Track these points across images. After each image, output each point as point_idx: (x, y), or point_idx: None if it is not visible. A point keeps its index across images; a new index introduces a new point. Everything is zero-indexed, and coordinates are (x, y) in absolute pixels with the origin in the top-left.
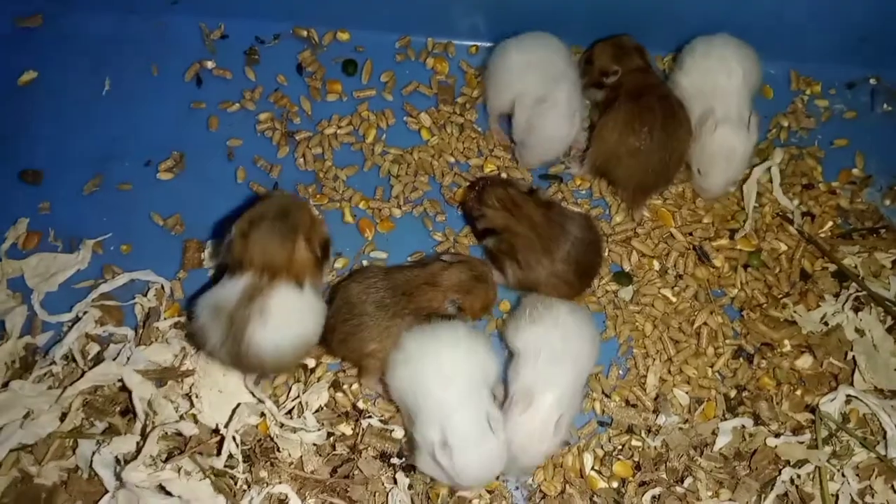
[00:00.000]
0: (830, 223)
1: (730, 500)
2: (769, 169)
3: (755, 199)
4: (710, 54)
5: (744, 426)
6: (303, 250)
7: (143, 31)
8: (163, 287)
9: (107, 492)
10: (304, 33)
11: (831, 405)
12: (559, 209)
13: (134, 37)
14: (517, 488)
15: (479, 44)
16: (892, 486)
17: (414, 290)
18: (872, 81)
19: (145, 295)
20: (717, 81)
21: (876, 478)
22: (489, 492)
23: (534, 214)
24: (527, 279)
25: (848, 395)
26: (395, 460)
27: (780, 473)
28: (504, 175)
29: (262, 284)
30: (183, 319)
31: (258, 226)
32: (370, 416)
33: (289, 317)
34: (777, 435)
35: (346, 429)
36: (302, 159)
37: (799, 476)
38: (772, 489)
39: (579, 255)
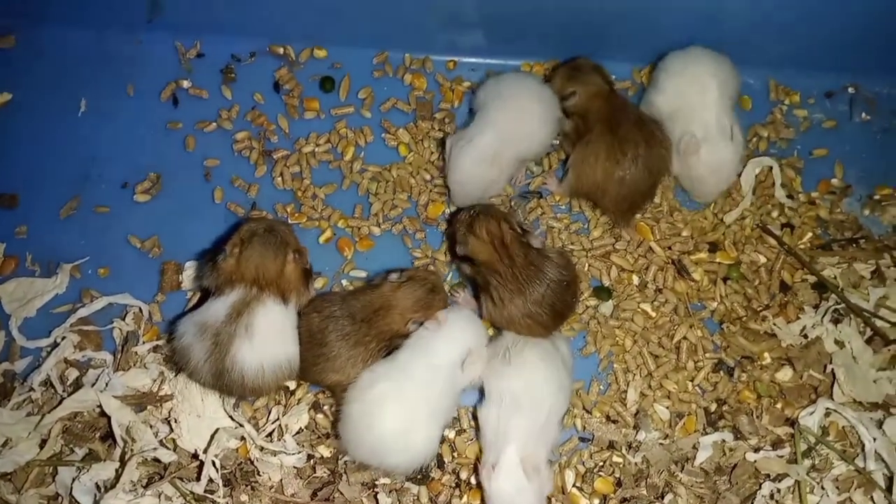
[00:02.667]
0: (810, 234)
1: None
2: (771, 169)
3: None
4: (682, 72)
5: (724, 440)
6: (292, 263)
7: (119, 50)
8: (141, 310)
9: None
10: (281, 50)
11: (810, 418)
12: (541, 251)
13: (109, 56)
14: None
15: (456, 59)
16: (872, 497)
17: (371, 315)
18: (851, 90)
19: (123, 319)
20: (692, 99)
21: (855, 490)
22: None
23: (516, 255)
24: (500, 316)
25: (827, 409)
26: (381, 479)
27: (760, 488)
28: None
29: (251, 298)
30: (161, 343)
31: (250, 241)
32: None
33: (273, 335)
34: (757, 450)
35: (325, 451)
36: (280, 178)
37: (779, 490)
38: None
39: (554, 298)
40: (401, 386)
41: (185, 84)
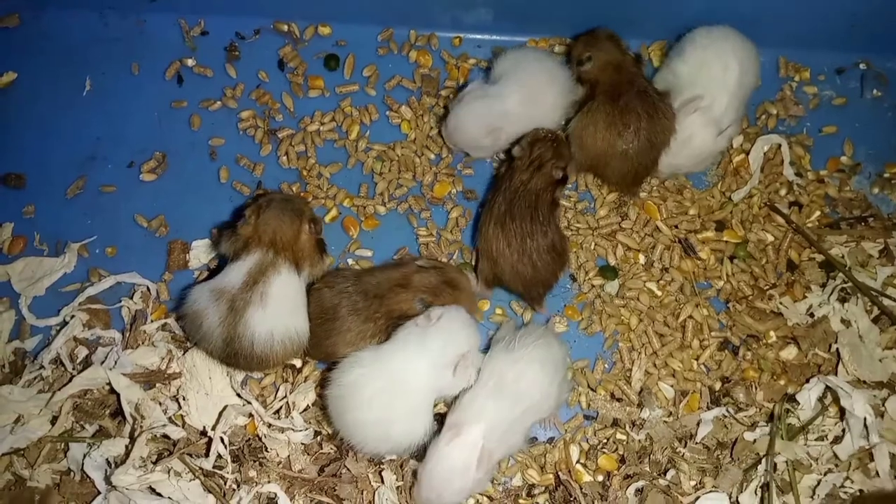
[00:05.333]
0: (818, 212)
1: (714, 486)
2: (779, 146)
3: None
4: (708, 46)
5: (724, 415)
6: (307, 233)
7: (123, 29)
8: (148, 289)
9: (99, 493)
10: (285, 28)
11: (807, 394)
12: (554, 217)
13: (113, 35)
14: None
15: (462, 35)
16: (876, 472)
17: (386, 292)
18: (862, 66)
19: (131, 297)
20: (713, 73)
21: (854, 470)
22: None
23: (532, 181)
24: (483, 220)
25: (827, 385)
26: (386, 457)
27: (760, 462)
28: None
29: (267, 264)
30: (170, 321)
31: (268, 206)
32: None
33: (286, 306)
34: (753, 424)
35: (332, 428)
36: (285, 157)
37: (776, 466)
38: (753, 478)
39: (527, 228)
40: (377, 376)
41: (190, 63)
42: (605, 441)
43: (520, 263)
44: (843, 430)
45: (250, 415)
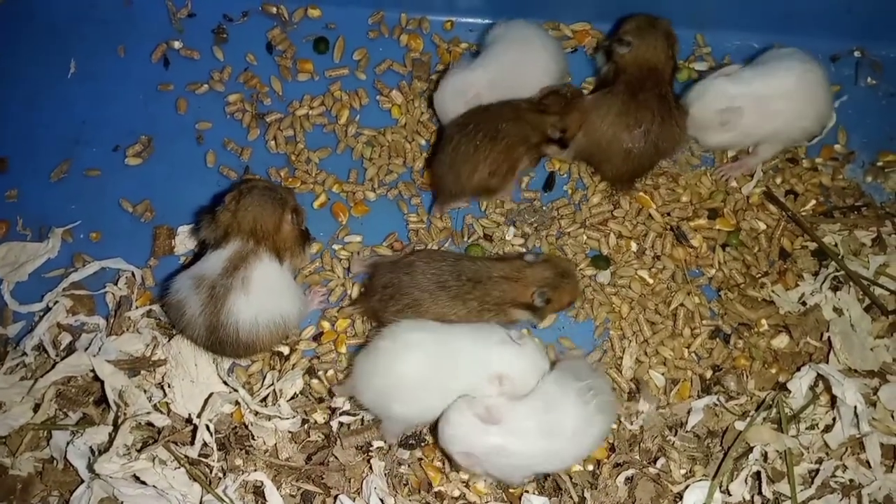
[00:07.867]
0: (813, 201)
1: (704, 475)
2: None
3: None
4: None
5: (715, 404)
6: (289, 223)
7: (109, 10)
8: (133, 275)
9: (82, 482)
10: (274, 10)
11: (798, 382)
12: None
13: (99, 16)
14: None
15: (453, 19)
16: (867, 461)
17: (485, 279)
18: (857, 54)
19: (116, 283)
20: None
21: (848, 455)
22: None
23: (530, 134)
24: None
25: (818, 373)
26: (375, 443)
27: (751, 451)
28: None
29: (248, 252)
30: (155, 307)
31: (249, 194)
32: (343, 414)
33: (269, 291)
34: (744, 413)
35: (320, 416)
36: (273, 142)
37: (766, 455)
38: (743, 467)
39: (462, 167)
40: (439, 345)
41: (177, 45)
42: None
43: (448, 175)
44: (834, 419)
45: (237, 402)
